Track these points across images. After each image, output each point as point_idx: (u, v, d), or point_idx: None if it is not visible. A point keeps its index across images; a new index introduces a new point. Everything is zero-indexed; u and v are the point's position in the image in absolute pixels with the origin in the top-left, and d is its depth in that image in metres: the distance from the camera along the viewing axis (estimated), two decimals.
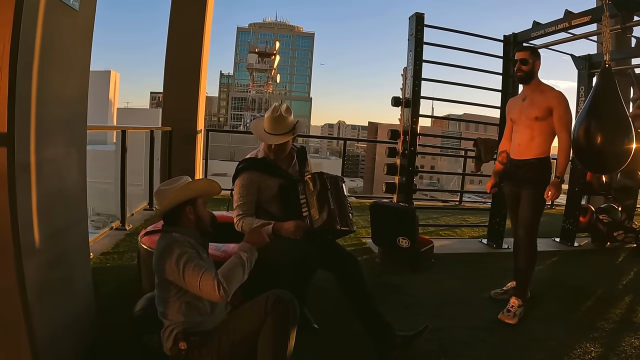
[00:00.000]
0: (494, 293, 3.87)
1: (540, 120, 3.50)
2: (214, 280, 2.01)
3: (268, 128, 2.98)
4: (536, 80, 3.62)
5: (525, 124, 3.60)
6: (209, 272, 2.03)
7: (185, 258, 2.06)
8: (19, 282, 1.90)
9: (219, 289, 2.01)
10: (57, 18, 2.07)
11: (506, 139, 3.92)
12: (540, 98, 3.54)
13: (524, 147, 3.60)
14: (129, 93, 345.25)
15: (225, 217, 3.51)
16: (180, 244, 2.14)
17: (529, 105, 3.57)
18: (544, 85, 3.63)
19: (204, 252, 2.31)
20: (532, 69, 3.57)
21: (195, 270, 2.03)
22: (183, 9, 7.21)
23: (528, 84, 3.63)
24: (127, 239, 4.89)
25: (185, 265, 2.05)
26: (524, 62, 3.56)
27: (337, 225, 2.91)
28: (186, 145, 7.33)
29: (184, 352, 2.10)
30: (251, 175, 2.98)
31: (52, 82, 2.11)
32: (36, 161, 1.98)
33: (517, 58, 3.62)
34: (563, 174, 3.49)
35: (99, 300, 2.82)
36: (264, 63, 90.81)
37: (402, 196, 5.25)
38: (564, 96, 3.52)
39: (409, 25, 5.15)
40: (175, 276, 2.08)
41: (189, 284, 2.05)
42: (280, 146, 3.00)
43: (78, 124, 2.44)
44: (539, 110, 3.50)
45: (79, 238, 2.51)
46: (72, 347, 2.37)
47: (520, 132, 3.66)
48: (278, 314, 2.05)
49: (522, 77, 3.64)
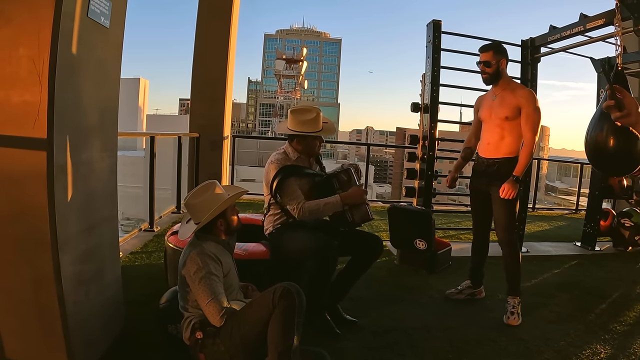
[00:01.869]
0: (449, 293, 3.86)
1: (510, 120, 3.44)
2: (220, 310, 2.21)
3: (304, 127, 3.14)
4: (505, 79, 3.53)
5: (495, 123, 3.52)
6: (216, 301, 2.22)
7: (201, 275, 2.27)
8: (56, 272, 2.10)
9: (221, 318, 2.21)
10: (90, 36, 2.27)
11: (472, 135, 3.87)
12: (510, 97, 3.45)
13: (494, 146, 3.54)
14: (158, 100, 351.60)
15: (247, 218, 3.71)
16: (204, 256, 2.32)
17: (499, 105, 3.49)
18: (514, 84, 3.58)
19: (228, 255, 2.51)
20: (497, 69, 3.47)
21: (207, 291, 2.23)
22: (209, 19, 7.44)
23: (497, 84, 3.54)
24: (155, 240, 5.10)
25: (199, 282, 2.25)
26: (487, 64, 3.47)
27: (372, 217, 3.21)
28: (213, 151, 7.55)
29: (200, 341, 2.28)
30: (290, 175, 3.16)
31: (87, 93, 2.31)
32: (72, 164, 2.19)
33: (480, 60, 3.53)
34: (521, 174, 3.37)
35: (127, 294, 3.02)
36: (292, 69, 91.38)
37: (421, 200, 5.34)
38: (534, 95, 3.46)
39: (426, 32, 5.23)
40: (190, 284, 2.30)
41: (198, 298, 2.26)
42: (313, 145, 3.21)
43: (110, 130, 2.64)
44: (509, 109, 3.43)
45: (110, 234, 2.71)
46: (100, 333, 2.57)
47: (490, 130, 3.59)
48: (284, 305, 2.19)
49: (487, 79, 3.53)
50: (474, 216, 3.88)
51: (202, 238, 2.43)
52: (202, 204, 2.43)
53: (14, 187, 2.06)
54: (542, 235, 6.75)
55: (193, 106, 7.79)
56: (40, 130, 2.00)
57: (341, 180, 3.16)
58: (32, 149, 2.02)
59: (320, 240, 2.92)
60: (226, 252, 2.51)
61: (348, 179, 3.16)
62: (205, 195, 2.45)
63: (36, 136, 2.00)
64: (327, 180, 3.20)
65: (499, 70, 3.47)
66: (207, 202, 2.43)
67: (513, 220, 3.58)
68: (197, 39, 7.53)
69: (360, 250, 3.19)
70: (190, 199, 2.48)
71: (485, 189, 3.60)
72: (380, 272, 4.26)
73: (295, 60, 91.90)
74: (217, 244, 2.46)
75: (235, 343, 2.22)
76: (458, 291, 3.85)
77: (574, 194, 12.59)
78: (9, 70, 2.00)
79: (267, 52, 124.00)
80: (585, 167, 9.82)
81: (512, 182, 3.34)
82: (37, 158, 2.02)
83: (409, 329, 3.17)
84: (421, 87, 5.34)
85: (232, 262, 2.55)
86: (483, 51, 3.53)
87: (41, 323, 2.18)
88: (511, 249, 3.54)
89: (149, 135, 5.66)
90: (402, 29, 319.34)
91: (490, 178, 3.53)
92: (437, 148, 5.28)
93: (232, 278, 2.50)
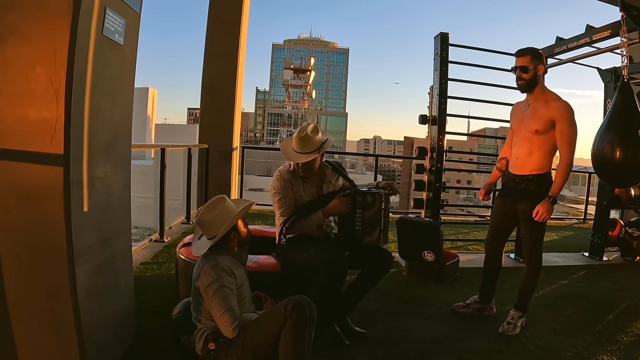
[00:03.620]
0: (456, 306, 3.79)
1: (540, 133, 3.22)
2: (232, 322, 2.25)
3: (295, 147, 3.15)
4: (540, 87, 3.29)
5: (525, 137, 3.32)
6: (229, 313, 2.27)
7: (215, 287, 2.31)
8: (71, 283, 2.15)
9: (234, 329, 2.25)
10: (104, 53, 2.33)
11: (507, 146, 3.64)
12: (543, 109, 3.22)
13: (522, 161, 3.34)
14: (166, 109, 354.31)
15: (258, 230, 3.75)
16: (218, 269, 2.36)
17: (531, 117, 3.27)
18: (550, 94, 3.29)
19: (241, 268, 2.56)
20: (534, 75, 3.23)
21: (220, 303, 2.28)
22: (218, 29, 7.56)
23: (531, 92, 3.31)
24: (165, 250, 5.13)
25: (213, 295, 2.30)
26: (524, 69, 3.23)
27: (381, 245, 3.21)
28: (222, 162, 7.63)
29: (213, 352, 2.32)
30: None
31: (101, 110, 2.37)
32: (88, 178, 2.25)
33: (516, 65, 3.28)
34: (557, 194, 3.18)
35: (138, 304, 3.06)
36: (300, 79, 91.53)
37: (429, 211, 5.35)
38: (570, 108, 3.18)
39: (434, 44, 5.26)
40: (204, 296, 2.34)
41: (212, 310, 2.31)
42: (307, 164, 3.17)
43: (123, 145, 2.69)
44: (540, 122, 3.20)
45: (124, 246, 2.76)
46: (113, 343, 2.61)
47: (518, 144, 3.39)
48: (296, 318, 2.23)
49: (523, 86, 3.30)
50: (491, 233, 3.74)
51: (216, 251, 2.47)
52: (214, 219, 2.48)
53: (31, 201, 2.11)
54: (550, 246, 6.70)
55: (202, 118, 7.89)
56: (57, 146, 2.05)
57: (365, 202, 3.15)
58: (49, 164, 2.07)
59: (328, 254, 2.95)
60: (239, 264, 2.56)
61: (372, 202, 3.15)
62: (217, 211, 2.50)
63: (53, 152, 2.06)
64: (352, 196, 3.18)
65: (535, 76, 3.23)
66: (219, 217, 2.48)
67: (541, 241, 3.40)
68: (207, 51, 7.64)
69: (370, 264, 3.20)
70: (202, 215, 2.52)
71: (512, 206, 3.44)
72: (388, 283, 4.25)
73: (303, 70, 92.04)
74: (231, 256, 2.51)
75: (247, 354, 2.26)
76: (465, 305, 3.79)
77: (582, 202, 12.50)
78: (26, 87, 2.05)
79: (275, 62, 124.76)
80: (593, 176, 9.77)
81: (547, 204, 3.15)
82: (54, 173, 2.07)
83: (417, 341, 3.18)
84: (429, 99, 5.37)
85: (244, 275, 2.59)
86: (519, 55, 3.28)
87: (56, 333, 2.22)
88: (534, 270, 3.44)
89: (160, 147, 5.72)
90: (409, 37, 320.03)
91: (518, 196, 3.37)
92: (445, 159, 5.31)
93: (245, 290, 2.54)
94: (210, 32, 7.60)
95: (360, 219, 3.14)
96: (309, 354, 2.26)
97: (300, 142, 3.13)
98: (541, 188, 3.26)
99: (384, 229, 3.20)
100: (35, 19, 2.04)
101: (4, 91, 2.05)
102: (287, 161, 3.29)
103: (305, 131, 3.13)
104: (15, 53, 2.05)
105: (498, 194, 3.70)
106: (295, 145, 3.15)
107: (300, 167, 3.20)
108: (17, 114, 2.06)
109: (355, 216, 3.15)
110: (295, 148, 3.16)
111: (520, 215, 3.39)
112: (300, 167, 3.19)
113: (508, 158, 3.60)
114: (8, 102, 2.06)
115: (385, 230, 3.22)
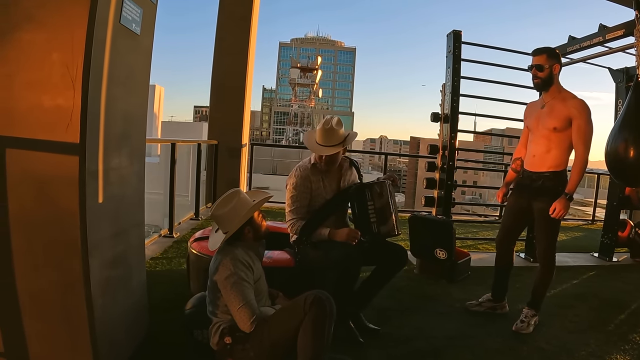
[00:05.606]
0: (469, 304, 3.79)
1: (558, 131, 3.22)
2: (251, 316, 2.23)
3: (320, 140, 3.11)
4: (556, 86, 3.30)
5: (542, 134, 3.32)
6: (248, 306, 2.24)
7: (233, 280, 2.27)
8: (85, 276, 2.11)
9: (252, 324, 2.22)
10: (121, 42, 2.29)
11: (522, 145, 3.64)
12: (560, 107, 3.23)
13: (539, 159, 3.34)
14: (173, 107, 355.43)
15: (271, 227, 3.73)
16: (236, 262, 2.33)
17: (548, 115, 3.28)
18: (566, 92, 3.30)
19: (258, 261, 2.53)
20: (550, 74, 3.25)
21: (238, 297, 2.25)
22: (229, 27, 7.56)
23: (547, 91, 3.33)
24: (175, 245, 5.13)
25: (231, 288, 2.26)
26: (540, 68, 3.25)
27: (397, 233, 3.17)
28: (231, 158, 7.63)
29: (229, 347, 2.29)
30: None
31: (118, 100, 2.33)
32: (103, 169, 2.21)
33: (532, 64, 3.31)
34: (573, 191, 3.19)
35: (150, 299, 3.03)
36: (306, 78, 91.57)
37: (440, 210, 5.31)
38: (587, 106, 3.21)
39: (446, 42, 5.23)
40: (221, 289, 2.31)
41: (229, 303, 2.28)
42: (331, 157, 3.13)
43: (138, 136, 2.66)
44: (558, 120, 3.21)
45: (137, 239, 2.74)
46: (125, 337, 2.58)
47: (535, 142, 3.39)
48: (315, 313, 2.19)
49: (539, 85, 3.33)
50: (502, 231, 3.72)
51: (233, 245, 2.44)
52: (229, 213, 2.44)
53: (46, 191, 2.07)
54: (559, 246, 6.55)
55: (212, 114, 7.89)
56: (73, 135, 2.00)
57: (374, 193, 3.15)
58: (65, 153, 2.03)
59: (341, 251, 2.92)
60: (257, 258, 2.52)
61: (380, 192, 3.14)
62: (231, 205, 2.46)
63: (69, 141, 2.01)
64: (361, 190, 3.18)
65: (551, 75, 3.26)
66: (233, 211, 2.44)
67: (555, 239, 3.41)
68: (217, 47, 7.64)
69: (384, 260, 3.19)
70: (216, 209, 2.48)
71: (527, 204, 3.44)
72: (400, 281, 4.24)
73: (310, 69, 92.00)
74: (248, 250, 2.47)
75: (265, 349, 2.23)
76: (478, 303, 3.78)
77: (589, 204, 12.44)
78: (41, 74, 2.01)
79: (282, 61, 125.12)
80: (602, 178, 9.70)
81: (564, 201, 3.16)
82: (69, 162, 2.02)
83: (431, 338, 3.16)
84: (441, 97, 5.34)
85: (261, 269, 2.56)
86: (536, 54, 3.31)
87: (68, 326, 2.19)
88: (548, 269, 3.43)
89: (170, 142, 5.71)
90: (418, 37, 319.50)
91: (534, 193, 3.37)
92: (456, 158, 5.27)
93: (262, 285, 2.51)
94: (220, 27, 7.61)
95: (372, 210, 3.13)
96: (328, 349, 2.23)
97: (325, 134, 3.09)
98: (558, 185, 3.26)
99: (396, 217, 3.19)
100: (52, 6, 2.00)
101: (19, 78, 2.01)
102: (307, 158, 3.27)
103: (330, 124, 3.09)
104: (30, 40, 2.00)
105: (511, 192, 3.67)
106: (319, 138, 3.11)
107: (323, 161, 3.15)
108: (31, 101, 2.01)
109: (368, 208, 3.13)
110: (319, 141, 3.11)
111: (536, 213, 3.38)
112: (324, 160, 3.14)
113: (522, 158, 3.59)
114: (22, 89, 2.01)
115: (397, 218, 3.20)
